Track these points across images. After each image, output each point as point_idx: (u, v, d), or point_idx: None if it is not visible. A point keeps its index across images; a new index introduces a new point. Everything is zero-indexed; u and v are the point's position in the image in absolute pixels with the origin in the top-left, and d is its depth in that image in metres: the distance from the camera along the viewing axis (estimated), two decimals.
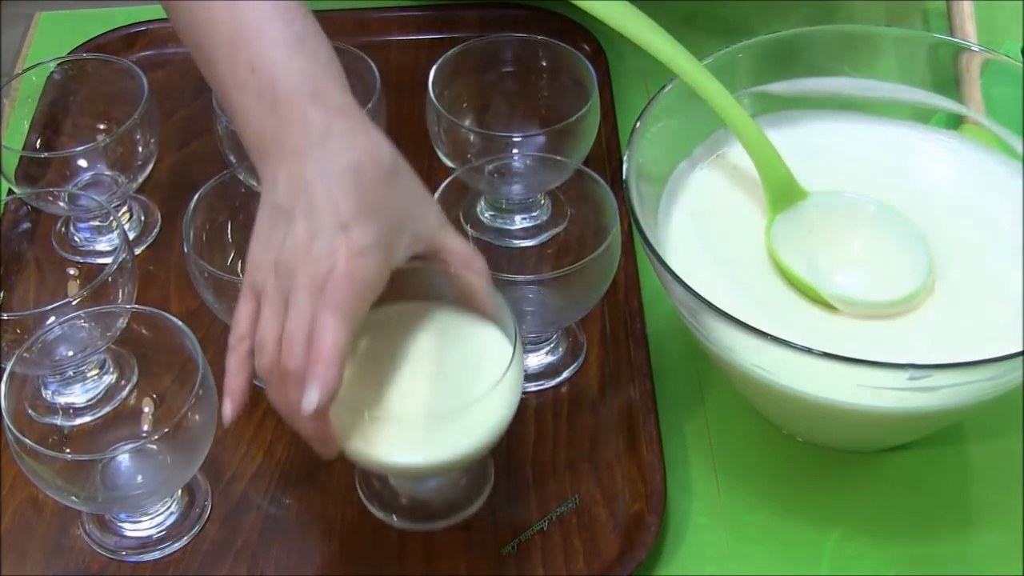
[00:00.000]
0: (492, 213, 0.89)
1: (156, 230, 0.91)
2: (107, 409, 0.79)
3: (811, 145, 0.83)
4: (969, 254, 0.77)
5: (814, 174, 0.81)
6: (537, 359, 0.82)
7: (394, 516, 0.72)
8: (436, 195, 0.77)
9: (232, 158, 0.85)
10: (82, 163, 0.87)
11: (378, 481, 0.74)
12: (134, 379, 0.81)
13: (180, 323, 0.73)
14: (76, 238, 0.88)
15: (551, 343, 0.82)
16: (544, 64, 0.91)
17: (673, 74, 0.78)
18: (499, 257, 0.85)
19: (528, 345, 0.81)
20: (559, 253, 0.86)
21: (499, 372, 0.65)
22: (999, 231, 0.78)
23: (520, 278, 0.75)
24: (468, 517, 0.73)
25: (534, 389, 0.81)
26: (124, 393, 0.80)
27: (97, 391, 0.80)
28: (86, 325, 0.77)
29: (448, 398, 0.65)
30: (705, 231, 0.79)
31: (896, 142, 0.83)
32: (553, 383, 0.81)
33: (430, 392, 0.68)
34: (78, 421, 0.79)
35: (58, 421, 0.79)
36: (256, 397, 0.81)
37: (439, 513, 0.73)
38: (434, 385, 0.68)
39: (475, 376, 0.67)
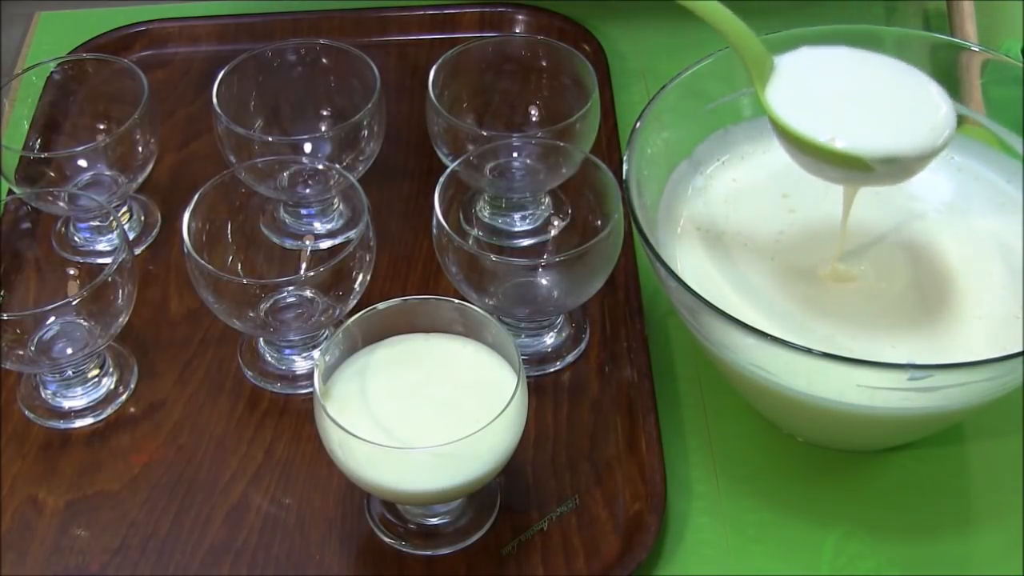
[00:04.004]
0: (492, 212, 0.89)
1: (156, 230, 0.91)
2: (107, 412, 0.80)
3: None
4: (969, 254, 0.77)
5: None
6: (540, 343, 0.82)
7: (403, 542, 0.73)
8: (435, 191, 0.77)
9: (232, 158, 0.85)
10: (82, 163, 0.87)
11: (387, 508, 0.74)
12: (132, 383, 0.81)
13: None
14: (76, 238, 0.88)
15: (555, 327, 0.83)
16: (544, 64, 0.91)
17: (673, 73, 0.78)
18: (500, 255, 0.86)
19: (532, 331, 0.82)
20: (560, 248, 0.86)
21: (504, 400, 0.66)
22: (999, 231, 0.78)
23: (526, 261, 0.76)
24: (474, 541, 0.74)
25: (536, 374, 0.81)
26: (123, 399, 0.81)
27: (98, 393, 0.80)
28: (85, 324, 0.78)
29: (455, 426, 0.66)
30: (705, 232, 0.79)
31: None
32: (555, 367, 0.82)
33: (438, 420, 0.69)
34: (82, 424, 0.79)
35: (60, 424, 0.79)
36: (256, 397, 0.81)
37: (446, 539, 0.73)
38: (442, 413, 0.69)
39: (481, 404, 0.68)
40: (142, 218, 0.91)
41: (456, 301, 0.72)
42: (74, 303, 0.76)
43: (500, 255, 0.83)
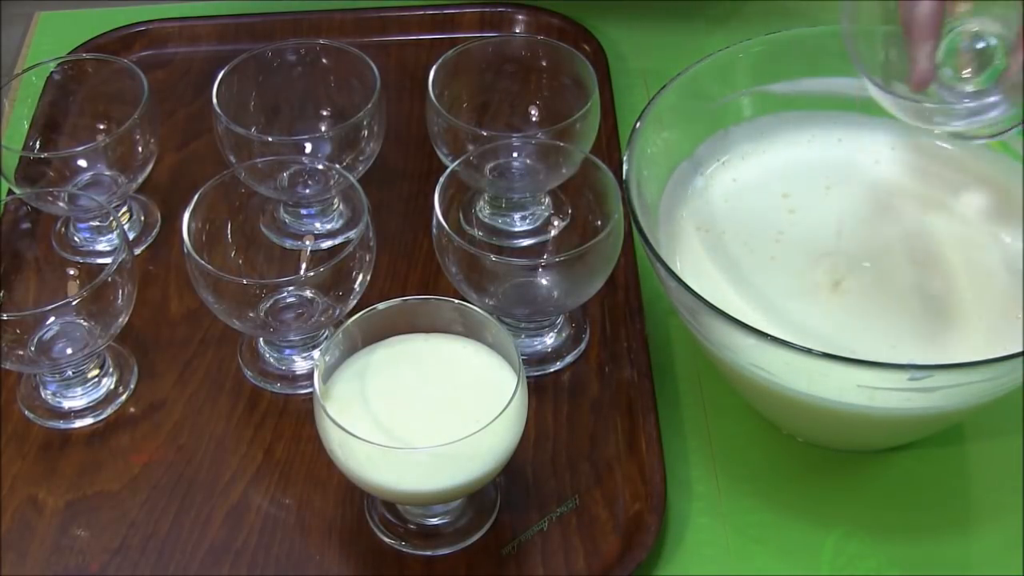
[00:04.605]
0: (492, 212, 0.89)
1: (156, 230, 0.91)
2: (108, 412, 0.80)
3: (812, 145, 0.83)
4: (969, 254, 0.77)
5: (814, 174, 0.82)
6: (540, 343, 0.82)
7: (403, 542, 0.73)
8: (435, 191, 0.77)
9: (232, 158, 0.85)
10: (82, 163, 0.87)
11: (387, 508, 0.74)
12: (132, 384, 0.81)
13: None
14: (76, 238, 0.88)
15: (555, 327, 0.83)
16: (544, 64, 0.91)
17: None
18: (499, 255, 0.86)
19: (532, 331, 0.82)
20: (560, 248, 0.86)
21: (504, 400, 0.66)
22: (999, 231, 0.78)
23: (526, 261, 0.77)
24: (474, 541, 0.74)
25: (536, 373, 0.81)
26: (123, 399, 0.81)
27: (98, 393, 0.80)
28: (85, 324, 0.78)
29: (455, 426, 0.66)
30: (705, 232, 0.79)
31: (896, 142, 0.83)
32: (555, 367, 0.82)
33: (438, 420, 0.69)
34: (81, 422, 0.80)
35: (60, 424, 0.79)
36: (256, 397, 0.81)
37: (446, 539, 0.73)
38: (442, 413, 0.69)
39: (481, 404, 0.68)
40: (142, 218, 0.91)
41: (456, 301, 0.72)
42: (74, 303, 0.76)
43: (500, 255, 0.83)
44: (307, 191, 0.87)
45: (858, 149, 0.83)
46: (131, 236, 0.90)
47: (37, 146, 0.92)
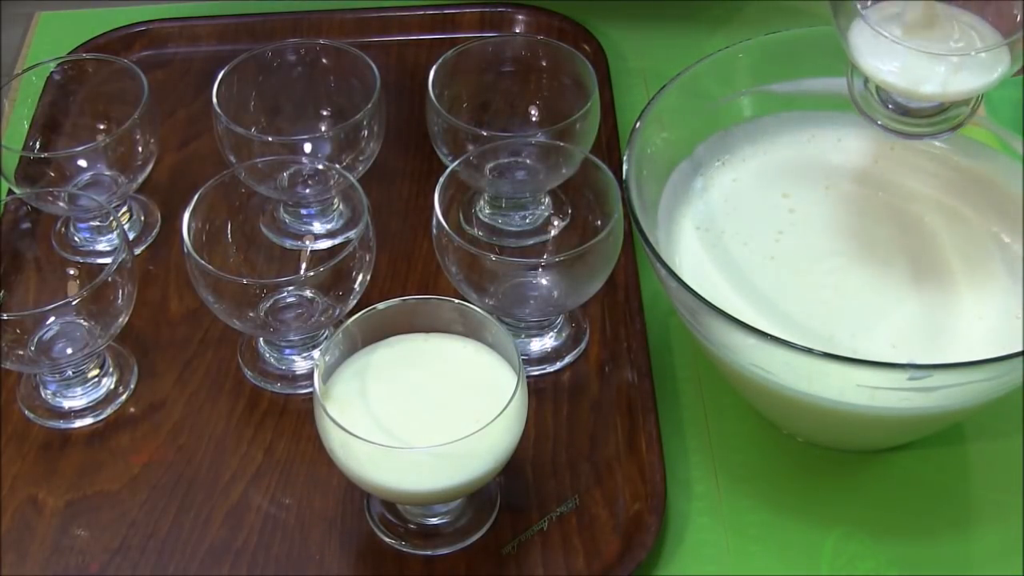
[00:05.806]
0: (492, 212, 0.89)
1: (156, 230, 0.91)
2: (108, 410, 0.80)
3: (812, 145, 0.83)
4: (969, 254, 0.77)
5: (815, 174, 0.82)
6: (540, 343, 0.82)
7: (403, 542, 0.73)
8: (435, 192, 0.77)
9: (232, 158, 0.85)
10: (82, 163, 0.87)
11: (387, 508, 0.74)
12: (132, 384, 0.81)
13: None
14: (76, 238, 0.88)
15: (555, 327, 0.82)
16: (544, 64, 0.91)
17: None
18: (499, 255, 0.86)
19: (532, 331, 0.82)
20: (560, 248, 0.86)
21: (504, 400, 0.66)
22: (999, 231, 0.78)
23: (526, 261, 0.77)
24: (474, 541, 0.74)
25: (536, 373, 0.81)
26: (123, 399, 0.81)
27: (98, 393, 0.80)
28: (85, 324, 0.78)
29: (455, 426, 0.66)
30: (705, 232, 0.79)
31: (895, 142, 0.83)
32: (555, 367, 0.82)
33: (438, 420, 0.69)
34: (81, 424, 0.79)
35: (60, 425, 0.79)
36: (256, 397, 0.81)
37: (446, 539, 0.73)
38: (442, 413, 0.69)
39: (481, 404, 0.68)
40: (142, 218, 0.91)
41: (456, 301, 0.72)
42: (74, 303, 0.76)
43: (500, 255, 0.83)
44: (307, 191, 0.87)
45: (858, 149, 0.83)
46: (131, 236, 0.90)
47: (37, 146, 0.92)
